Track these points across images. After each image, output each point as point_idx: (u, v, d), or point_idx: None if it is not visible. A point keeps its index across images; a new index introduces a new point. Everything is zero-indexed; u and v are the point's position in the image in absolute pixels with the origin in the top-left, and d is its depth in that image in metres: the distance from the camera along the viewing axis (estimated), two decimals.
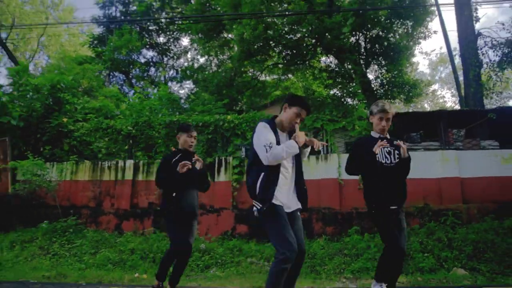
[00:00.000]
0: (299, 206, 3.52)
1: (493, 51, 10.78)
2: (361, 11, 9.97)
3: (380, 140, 3.99)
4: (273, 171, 3.33)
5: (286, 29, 12.00)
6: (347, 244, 7.67)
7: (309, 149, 3.63)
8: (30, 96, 11.39)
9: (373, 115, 4.15)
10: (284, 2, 12.92)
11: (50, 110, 11.62)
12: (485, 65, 11.24)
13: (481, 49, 11.27)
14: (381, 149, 3.96)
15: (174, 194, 4.49)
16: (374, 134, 4.20)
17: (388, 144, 3.99)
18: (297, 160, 3.57)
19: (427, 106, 36.44)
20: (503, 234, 7.34)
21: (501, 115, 10.01)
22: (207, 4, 14.41)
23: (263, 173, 3.31)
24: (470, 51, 11.27)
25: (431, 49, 46.22)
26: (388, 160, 3.98)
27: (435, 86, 36.03)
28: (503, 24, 12.00)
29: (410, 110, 14.36)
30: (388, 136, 4.19)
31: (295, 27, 11.81)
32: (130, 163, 10.20)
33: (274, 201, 3.27)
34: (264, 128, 3.40)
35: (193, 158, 4.65)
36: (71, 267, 7.15)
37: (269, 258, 7.36)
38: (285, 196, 3.40)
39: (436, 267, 6.62)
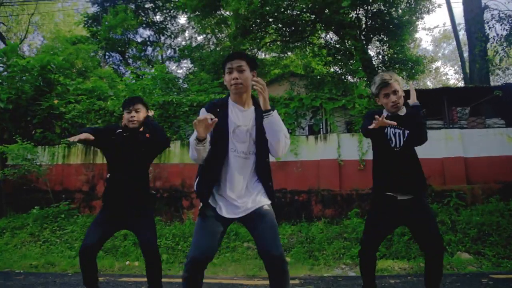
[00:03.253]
0: None
1: (501, 25, 10.20)
2: None
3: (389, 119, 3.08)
4: None
5: (284, 4, 11.46)
6: (347, 227, 7.44)
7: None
8: (19, 77, 10.96)
9: (377, 96, 3.35)
10: None
11: (41, 92, 11.18)
12: (491, 40, 10.65)
13: (487, 22, 10.67)
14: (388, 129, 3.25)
15: None
16: (385, 112, 3.35)
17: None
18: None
19: (429, 84, 35.85)
20: (509, 216, 7.09)
21: (507, 92, 9.59)
22: None
23: None
24: (476, 25, 10.74)
25: (434, 25, 45.19)
26: (393, 142, 3.24)
27: (438, 63, 35.34)
28: None
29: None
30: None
31: (293, 1, 11.31)
32: None
33: None
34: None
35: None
36: (60, 255, 6.93)
37: None
38: None
39: None
